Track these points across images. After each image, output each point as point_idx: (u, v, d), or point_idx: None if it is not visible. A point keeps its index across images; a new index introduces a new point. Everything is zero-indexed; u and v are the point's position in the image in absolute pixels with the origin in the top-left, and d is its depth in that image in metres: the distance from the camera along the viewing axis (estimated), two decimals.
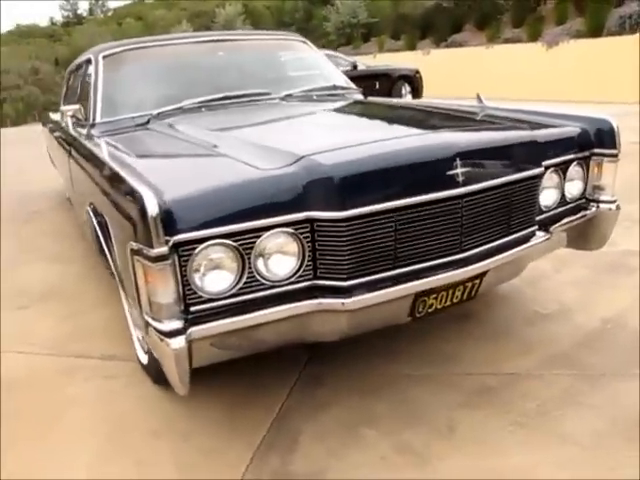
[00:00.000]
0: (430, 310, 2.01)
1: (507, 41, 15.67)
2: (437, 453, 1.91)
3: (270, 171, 1.78)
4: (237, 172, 1.82)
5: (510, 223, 2.09)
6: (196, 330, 1.66)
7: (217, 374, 2.39)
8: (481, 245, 2.00)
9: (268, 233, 1.70)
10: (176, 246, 1.61)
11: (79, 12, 67.72)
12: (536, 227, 2.20)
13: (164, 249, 1.55)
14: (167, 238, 1.57)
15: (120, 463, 1.97)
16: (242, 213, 1.67)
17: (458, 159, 1.85)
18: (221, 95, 2.99)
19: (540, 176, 2.15)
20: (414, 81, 12.55)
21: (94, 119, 2.93)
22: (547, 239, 2.20)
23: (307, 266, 1.80)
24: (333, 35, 23.25)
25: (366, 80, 11.55)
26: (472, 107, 2.86)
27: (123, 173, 1.83)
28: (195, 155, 2.23)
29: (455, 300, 2.06)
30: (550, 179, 2.27)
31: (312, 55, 3.75)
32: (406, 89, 12.48)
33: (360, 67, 11.87)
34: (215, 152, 2.15)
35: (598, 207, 2.46)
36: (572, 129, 2.42)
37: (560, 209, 2.37)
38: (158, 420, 2.20)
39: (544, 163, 2.19)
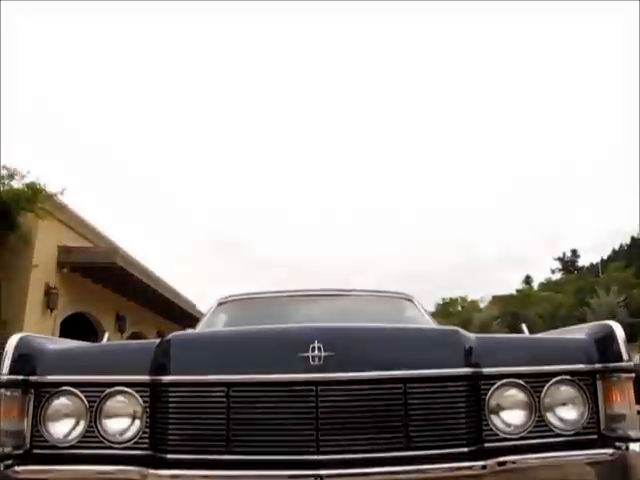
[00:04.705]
0: None
1: None
2: None
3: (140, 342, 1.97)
4: (120, 343, 2.04)
5: (409, 434, 1.66)
6: (22, 469, 1.71)
7: None
8: (352, 451, 1.63)
9: (110, 390, 1.77)
10: (35, 387, 1.80)
11: None
12: (464, 449, 1.67)
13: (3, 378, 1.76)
14: (23, 377, 1.79)
15: None
16: (92, 369, 1.82)
17: (317, 341, 1.69)
18: None
19: (465, 379, 1.72)
20: None
21: None
22: (481, 469, 1.63)
23: (145, 433, 1.74)
24: None
25: None
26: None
27: None
28: None
29: None
30: (503, 394, 1.77)
31: (406, 309, 3.65)
32: None
33: None
34: None
35: (616, 448, 1.73)
36: (553, 338, 1.94)
37: (533, 441, 1.75)
38: None
39: (487, 370, 1.77)
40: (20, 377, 1.76)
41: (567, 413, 1.80)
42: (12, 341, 1.82)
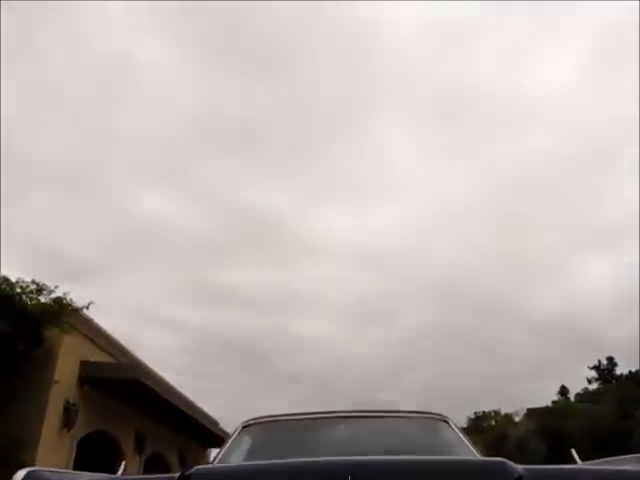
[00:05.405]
0: None
1: None
2: None
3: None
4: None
5: None
6: None
7: None
8: None
9: None
10: None
11: None
12: None
13: None
14: None
15: None
16: None
17: (350, 477, 1.52)
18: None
19: None
20: None
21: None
22: None
23: None
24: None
25: None
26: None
27: None
28: None
29: None
30: None
31: (442, 431, 3.37)
32: None
33: None
34: None
35: None
36: (613, 470, 1.76)
37: None
38: None
39: None
40: None
41: None
42: (17, 478, 1.70)
